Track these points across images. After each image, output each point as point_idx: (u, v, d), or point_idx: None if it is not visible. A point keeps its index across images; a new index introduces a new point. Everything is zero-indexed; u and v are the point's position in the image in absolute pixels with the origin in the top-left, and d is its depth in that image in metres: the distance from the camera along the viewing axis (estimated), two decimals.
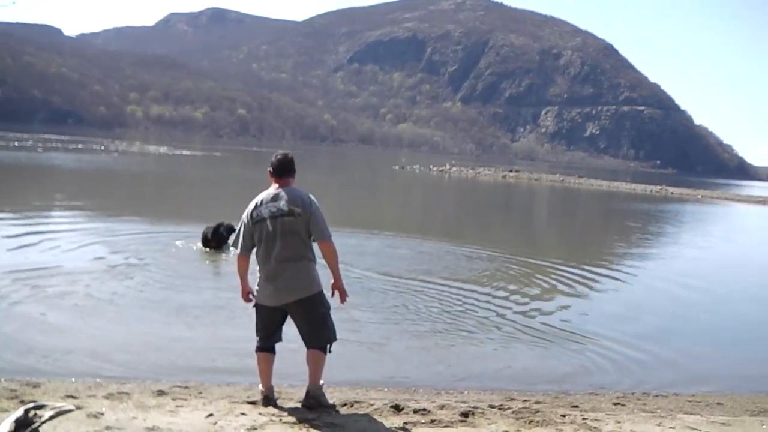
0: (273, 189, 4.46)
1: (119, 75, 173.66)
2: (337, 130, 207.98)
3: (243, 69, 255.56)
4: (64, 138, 60.91)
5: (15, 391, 4.37)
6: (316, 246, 4.48)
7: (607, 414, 4.89)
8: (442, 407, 4.69)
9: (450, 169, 60.91)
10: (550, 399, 5.32)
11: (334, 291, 4.50)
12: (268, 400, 4.47)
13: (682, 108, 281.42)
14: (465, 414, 4.55)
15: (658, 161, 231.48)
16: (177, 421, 3.99)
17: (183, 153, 53.98)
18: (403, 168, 58.66)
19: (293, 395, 4.70)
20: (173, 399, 4.48)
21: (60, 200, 16.90)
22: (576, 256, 13.91)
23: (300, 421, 4.14)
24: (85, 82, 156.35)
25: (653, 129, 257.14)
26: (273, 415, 4.24)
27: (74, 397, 4.30)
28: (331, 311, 4.54)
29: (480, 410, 4.66)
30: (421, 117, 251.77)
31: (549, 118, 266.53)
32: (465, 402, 4.94)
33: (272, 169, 4.50)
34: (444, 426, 4.31)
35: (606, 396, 5.59)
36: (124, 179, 27.34)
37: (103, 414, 3.98)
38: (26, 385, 4.56)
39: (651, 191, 50.69)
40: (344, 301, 4.55)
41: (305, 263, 4.40)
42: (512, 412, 4.68)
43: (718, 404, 5.56)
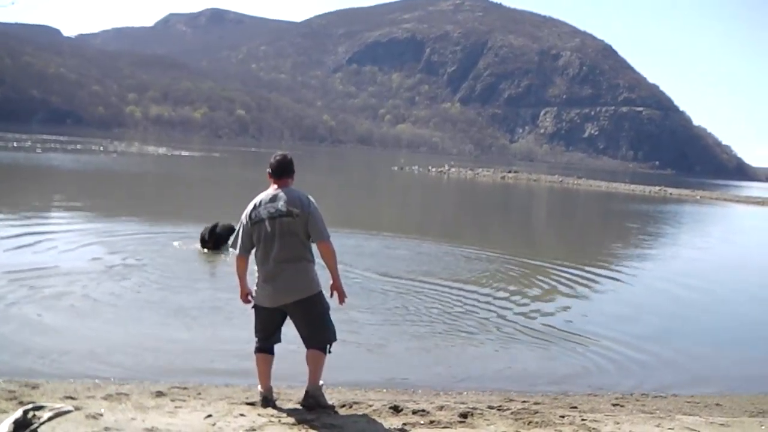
0: (272, 190, 4.46)
1: (118, 75, 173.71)
2: (336, 131, 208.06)
3: (242, 69, 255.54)
4: (63, 138, 60.82)
5: (14, 392, 4.36)
6: (316, 247, 4.48)
7: (606, 415, 4.89)
8: (441, 408, 4.69)
9: (449, 170, 60.93)
10: (549, 400, 5.32)
11: (333, 292, 4.51)
12: (267, 401, 4.47)
13: (681, 109, 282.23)
14: (464, 415, 4.55)
15: (657, 162, 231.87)
16: (176, 422, 3.99)
17: (182, 153, 53.92)
18: (402, 169, 58.69)
19: (292, 396, 4.70)
20: (172, 400, 4.47)
21: (58, 201, 16.87)
22: (575, 257, 13.91)
23: (299, 422, 4.14)
24: (84, 83, 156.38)
25: (652, 130, 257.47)
26: (272, 416, 4.24)
27: (73, 398, 4.29)
28: (331, 312, 4.54)
29: (479, 411, 4.67)
30: (420, 118, 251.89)
31: (548, 119, 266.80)
32: (464, 403, 4.94)
33: (271, 170, 4.50)
34: (443, 427, 4.31)
35: (605, 397, 5.59)
36: (123, 180, 27.32)
37: (102, 415, 3.98)
38: (25, 386, 4.55)
39: (650, 192, 50.73)
40: (343, 302, 4.55)
41: (304, 264, 4.40)
42: (511, 413, 4.69)
43: (717, 405, 5.56)
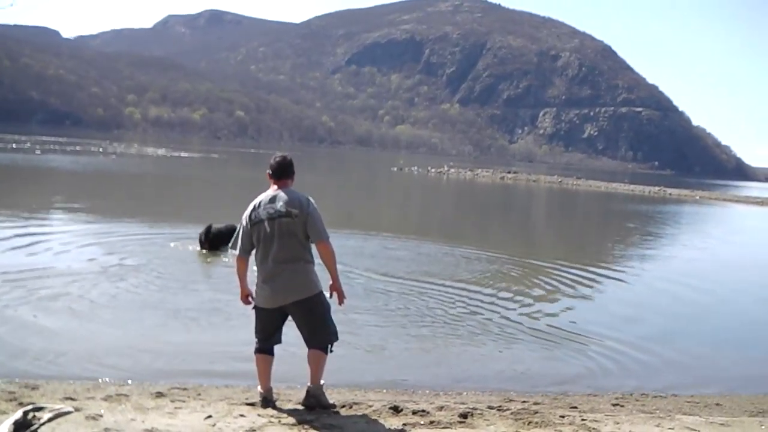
0: (272, 191, 4.47)
1: (117, 76, 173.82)
2: (335, 132, 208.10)
3: (241, 70, 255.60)
4: (62, 140, 60.83)
5: (13, 393, 4.36)
6: (315, 248, 4.48)
7: (606, 415, 4.89)
8: (441, 408, 4.69)
9: (448, 171, 60.94)
10: (549, 400, 5.32)
11: (332, 292, 4.51)
12: (267, 402, 4.47)
13: (681, 109, 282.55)
14: (464, 415, 4.54)
15: (656, 162, 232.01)
16: (176, 423, 3.99)
17: (181, 155, 53.91)
18: (401, 169, 58.70)
19: (292, 396, 4.70)
20: (172, 401, 4.47)
21: (56, 202, 16.85)
22: (576, 257, 13.90)
23: (299, 423, 4.14)
24: (83, 84, 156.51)
25: (651, 130, 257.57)
26: (272, 417, 4.23)
27: (73, 399, 4.29)
28: (331, 312, 4.54)
29: (479, 411, 4.66)
30: (419, 119, 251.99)
31: (547, 120, 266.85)
32: (464, 403, 4.94)
33: (271, 171, 4.51)
34: (443, 427, 4.31)
35: (605, 397, 5.59)
36: (122, 181, 27.30)
37: (102, 416, 3.97)
38: (25, 387, 4.54)
39: (649, 192, 50.75)
40: (342, 303, 4.55)
41: (302, 264, 4.40)
42: (511, 413, 4.68)
43: (717, 405, 5.56)
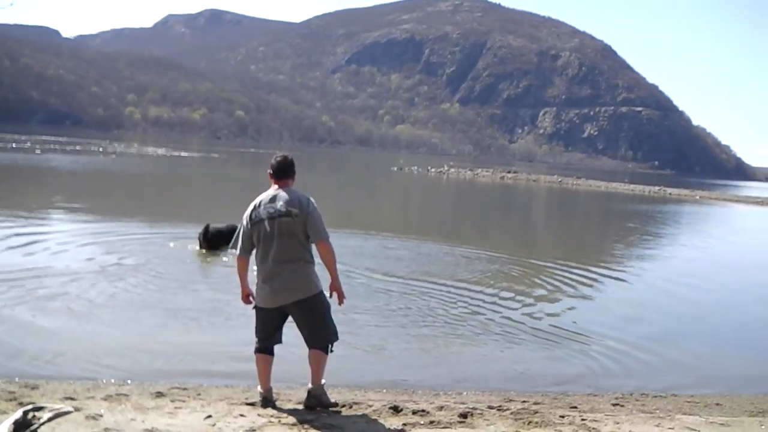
0: (272, 190, 4.47)
1: (117, 76, 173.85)
2: (335, 132, 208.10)
3: (241, 70, 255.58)
4: (62, 139, 60.85)
5: (13, 393, 4.36)
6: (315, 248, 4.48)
7: (606, 415, 4.89)
8: (441, 408, 4.69)
9: (448, 171, 60.96)
10: (549, 400, 5.32)
11: (332, 292, 4.51)
12: (267, 402, 4.47)
13: (681, 109, 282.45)
14: (464, 415, 4.54)
15: (656, 162, 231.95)
16: (176, 423, 3.99)
17: (181, 154, 53.94)
18: (401, 169, 58.70)
19: (292, 396, 4.70)
20: (172, 400, 4.47)
21: (56, 202, 16.84)
22: (576, 257, 13.90)
23: (299, 422, 4.14)
24: (83, 84, 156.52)
25: (651, 130, 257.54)
26: (272, 417, 4.23)
27: (73, 399, 4.29)
28: (331, 312, 4.54)
29: (479, 411, 4.66)
30: (419, 118, 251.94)
31: (547, 120, 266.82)
32: (464, 403, 4.94)
33: (272, 171, 4.51)
34: (443, 427, 4.31)
35: (605, 397, 5.59)
36: (122, 181, 27.31)
37: (102, 416, 3.97)
38: (25, 387, 4.55)
39: (649, 192, 50.76)
40: (342, 303, 4.55)
41: (302, 264, 4.40)
42: (511, 413, 4.68)
43: (717, 405, 5.56)
